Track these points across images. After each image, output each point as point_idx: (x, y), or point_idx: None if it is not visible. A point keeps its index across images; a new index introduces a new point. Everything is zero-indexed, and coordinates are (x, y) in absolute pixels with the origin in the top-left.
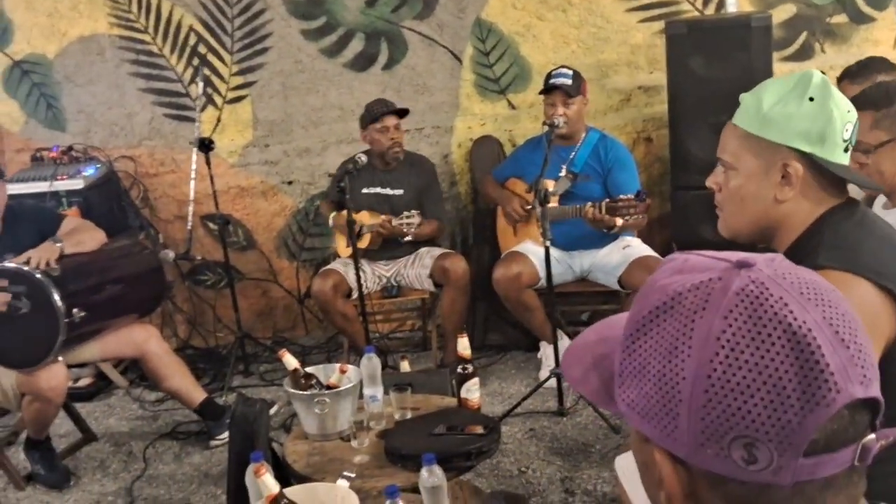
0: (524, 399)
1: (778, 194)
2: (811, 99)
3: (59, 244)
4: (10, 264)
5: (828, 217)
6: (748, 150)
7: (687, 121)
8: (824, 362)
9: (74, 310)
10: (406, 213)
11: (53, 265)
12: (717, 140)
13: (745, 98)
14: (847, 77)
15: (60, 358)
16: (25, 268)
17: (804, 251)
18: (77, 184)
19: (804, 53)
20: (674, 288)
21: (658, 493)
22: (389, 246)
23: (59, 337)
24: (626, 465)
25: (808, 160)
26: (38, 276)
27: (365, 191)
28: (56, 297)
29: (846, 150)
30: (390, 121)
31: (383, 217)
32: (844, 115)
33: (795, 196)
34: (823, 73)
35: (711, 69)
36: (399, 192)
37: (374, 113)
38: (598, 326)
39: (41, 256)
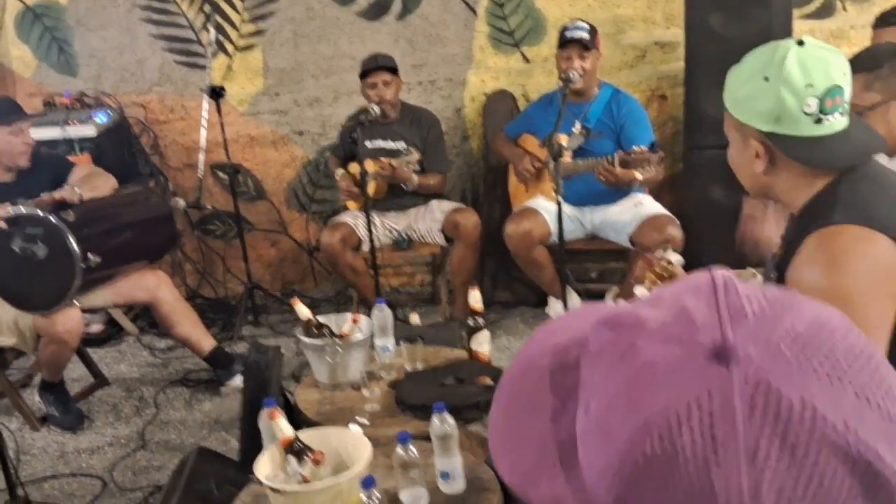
0: None
1: (755, 167)
2: (766, 79)
3: (77, 189)
4: (25, 209)
5: (843, 178)
6: (731, 125)
7: (703, 79)
8: (889, 470)
9: (90, 254)
10: (404, 152)
11: (71, 209)
12: None
13: (728, 73)
14: (883, 23)
15: (76, 302)
16: (41, 213)
17: (818, 211)
18: (89, 130)
19: (825, 11)
20: (654, 422)
21: None
22: (397, 196)
23: (75, 281)
24: None
25: (772, 138)
26: (55, 220)
27: (368, 144)
28: (72, 241)
29: (818, 121)
30: (377, 77)
31: (383, 160)
32: (803, 89)
33: (770, 170)
34: (801, 42)
35: (730, 27)
36: (401, 144)
37: (363, 69)
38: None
39: (60, 198)
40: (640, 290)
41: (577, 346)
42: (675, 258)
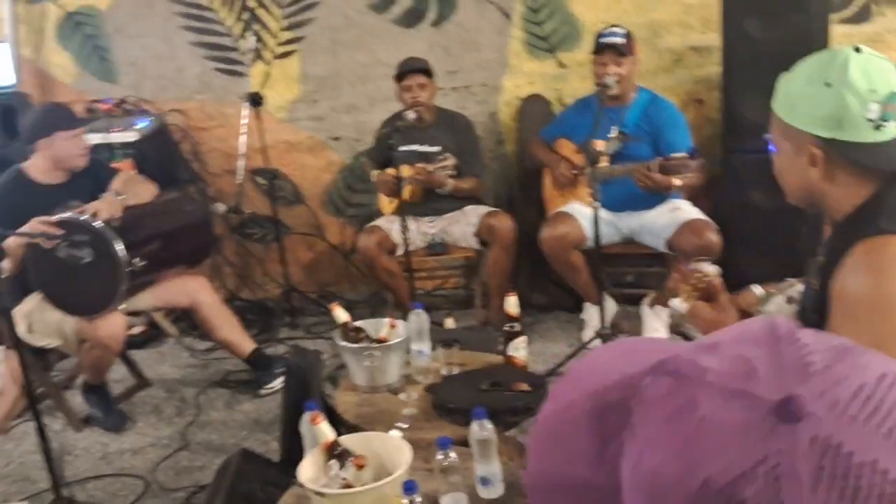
0: (569, 358)
1: (809, 175)
2: (828, 84)
3: (121, 197)
4: (74, 215)
5: (890, 186)
6: (782, 132)
7: (740, 83)
8: None
9: (135, 259)
10: (439, 157)
11: (117, 216)
12: (770, 102)
13: (779, 80)
14: None
15: (119, 307)
16: (82, 217)
17: (864, 219)
18: (130, 136)
19: (862, 16)
20: (715, 484)
21: None
22: (432, 201)
23: (120, 286)
24: None
25: (832, 144)
26: (101, 226)
27: (403, 148)
28: (118, 247)
29: (878, 127)
30: (413, 79)
31: (419, 165)
32: (866, 95)
33: (827, 176)
34: (858, 48)
35: (767, 31)
36: (436, 148)
37: (399, 71)
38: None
39: (107, 209)
40: (675, 303)
41: (625, 389)
42: (711, 269)
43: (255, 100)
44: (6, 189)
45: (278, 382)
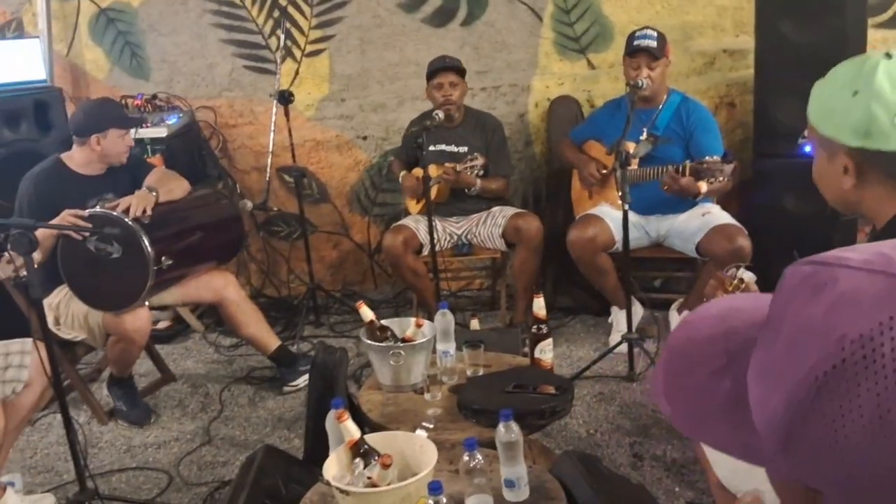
0: (595, 362)
1: (842, 183)
2: (855, 93)
3: (153, 193)
4: (105, 210)
5: None
6: (816, 139)
7: (774, 87)
8: None
9: (163, 258)
10: (469, 157)
11: (149, 212)
12: (804, 108)
13: (813, 88)
14: None
15: (145, 302)
16: (115, 213)
17: None
18: (161, 132)
19: None
20: (852, 334)
21: None
22: (459, 201)
23: (147, 283)
24: None
25: (862, 153)
26: (131, 223)
27: (431, 147)
28: (147, 244)
29: None
30: (445, 77)
31: (447, 165)
32: (894, 103)
33: (860, 184)
34: (889, 54)
35: (802, 34)
36: (464, 148)
37: (430, 69)
38: (717, 313)
39: (138, 205)
40: None
41: (753, 315)
42: (748, 276)
43: (285, 97)
44: (45, 176)
45: (302, 381)
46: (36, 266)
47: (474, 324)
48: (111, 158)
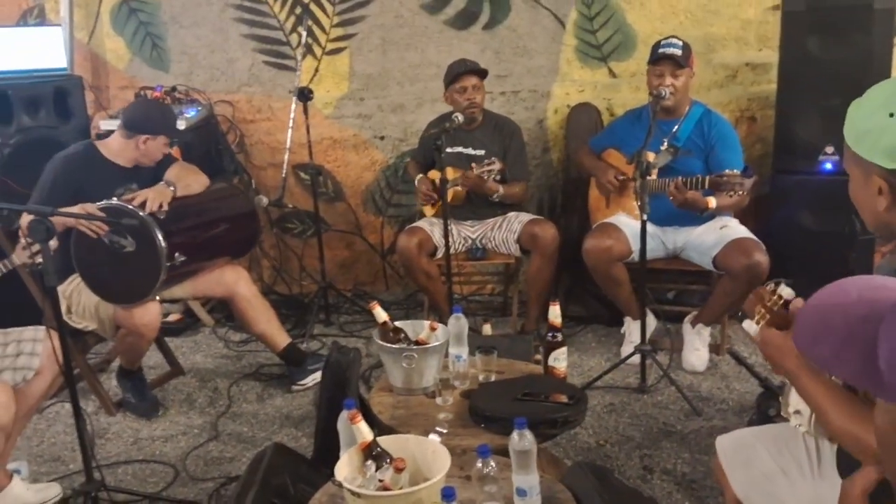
0: (606, 373)
1: (877, 204)
2: (891, 115)
3: (171, 188)
4: (121, 203)
5: None
6: (851, 159)
7: (796, 102)
8: None
9: (176, 254)
10: (486, 161)
11: (165, 207)
12: (827, 125)
13: (850, 108)
14: None
15: (157, 297)
16: (130, 206)
17: None
18: (179, 124)
19: None
20: None
21: None
22: (475, 205)
23: (159, 278)
24: (727, 446)
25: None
26: (146, 217)
27: (449, 149)
28: (160, 239)
29: None
30: (468, 80)
31: (472, 166)
32: None
33: (894, 206)
34: None
35: (828, 50)
36: (481, 152)
37: (453, 72)
38: (856, 285)
39: (155, 199)
40: (747, 324)
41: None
42: (787, 291)
43: (305, 94)
44: (75, 157)
45: (310, 380)
46: (52, 253)
47: (486, 329)
48: (146, 159)
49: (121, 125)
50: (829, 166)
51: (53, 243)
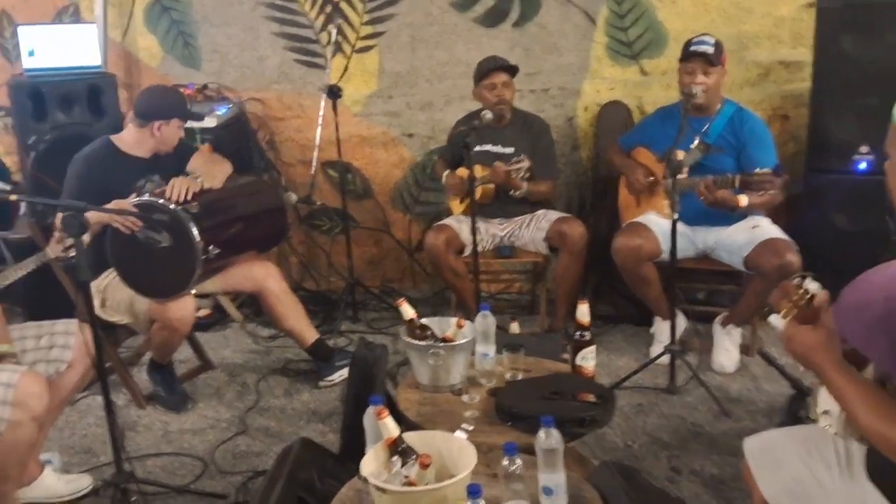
0: (635, 372)
1: None
2: None
3: (198, 179)
4: (154, 199)
5: None
6: (893, 140)
7: (830, 101)
8: None
9: (210, 246)
10: (515, 158)
11: (191, 199)
12: (862, 123)
13: None
14: None
15: (193, 291)
16: (161, 201)
17: None
18: (210, 121)
19: None
20: None
21: None
22: (503, 202)
23: (195, 271)
24: (755, 448)
25: None
26: (180, 212)
27: (478, 147)
28: (195, 233)
29: None
30: (498, 77)
31: (497, 163)
32: None
33: None
34: None
35: (863, 48)
36: (510, 150)
37: (483, 69)
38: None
39: (181, 187)
40: (773, 319)
41: None
42: (814, 286)
43: (334, 92)
44: (95, 156)
45: (338, 376)
46: (85, 247)
47: (514, 327)
48: (164, 146)
49: (132, 116)
50: (863, 165)
51: (86, 238)
